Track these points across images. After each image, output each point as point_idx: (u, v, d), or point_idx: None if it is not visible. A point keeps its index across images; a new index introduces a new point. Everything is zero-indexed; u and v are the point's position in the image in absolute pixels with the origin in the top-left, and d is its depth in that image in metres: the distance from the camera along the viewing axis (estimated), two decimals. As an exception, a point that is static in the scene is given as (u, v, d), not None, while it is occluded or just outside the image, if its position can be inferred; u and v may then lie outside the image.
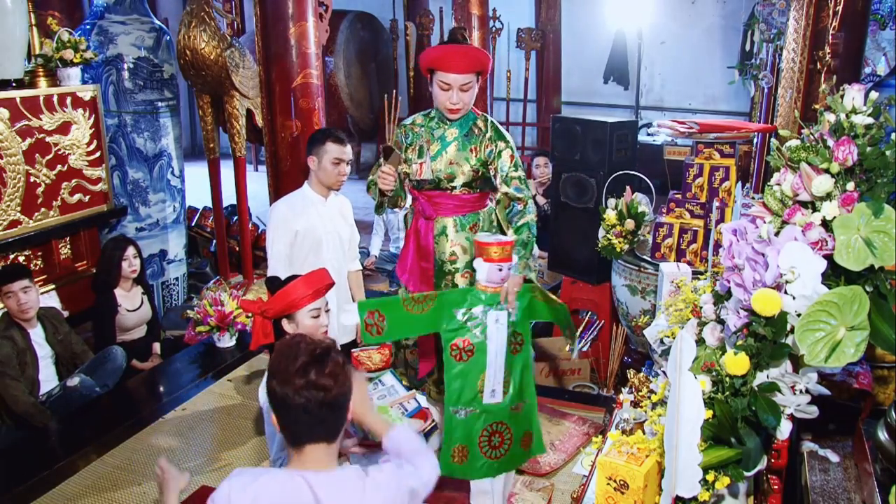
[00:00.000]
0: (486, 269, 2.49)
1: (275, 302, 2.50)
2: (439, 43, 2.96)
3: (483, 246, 2.49)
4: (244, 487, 1.58)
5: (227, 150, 5.40)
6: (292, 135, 4.19)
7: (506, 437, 2.62)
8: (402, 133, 2.96)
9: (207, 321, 4.21)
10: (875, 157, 1.57)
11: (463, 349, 2.53)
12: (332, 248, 3.27)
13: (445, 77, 2.76)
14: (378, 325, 2.51)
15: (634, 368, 2.47)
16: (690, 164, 3.59)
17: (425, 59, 2.83)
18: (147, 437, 3.44)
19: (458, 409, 2.56)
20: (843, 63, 4.21)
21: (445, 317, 2.53)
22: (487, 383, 2.55)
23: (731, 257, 1.71)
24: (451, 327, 2.53)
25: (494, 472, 2.65)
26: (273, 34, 4.11)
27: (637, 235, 3.72)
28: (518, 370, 2.61)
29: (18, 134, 3.91)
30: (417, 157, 2.89)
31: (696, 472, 1.50)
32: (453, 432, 2.56)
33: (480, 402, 2.56)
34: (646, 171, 3.94)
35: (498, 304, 2.52)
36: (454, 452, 2.57)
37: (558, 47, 9.45)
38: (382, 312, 2.51)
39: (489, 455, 2.61)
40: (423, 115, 2.99)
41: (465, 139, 2.89)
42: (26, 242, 4.03)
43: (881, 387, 2.11)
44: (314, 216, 3.23)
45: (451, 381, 2.55)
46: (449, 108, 2.82)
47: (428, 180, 2.88)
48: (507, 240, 2.53)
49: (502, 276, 2.50)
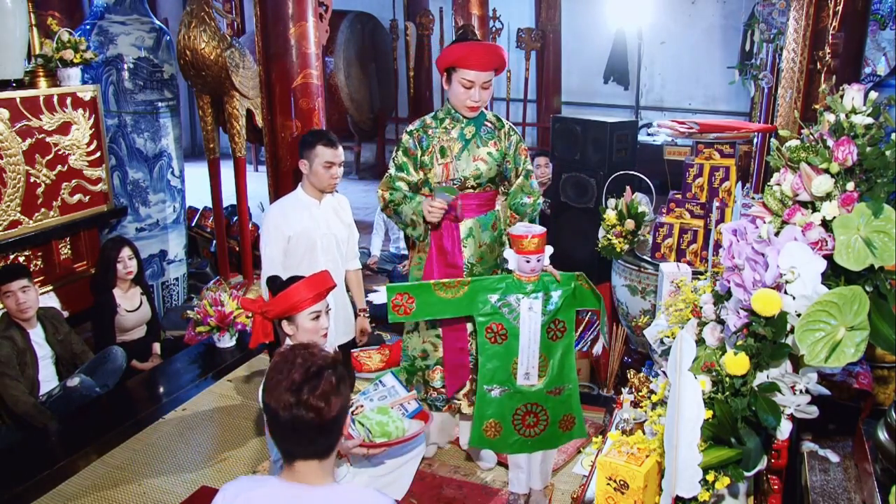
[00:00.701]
0: (518, 259, 2.58)
1: (276, 303, 2.50)
2: (455, 42, 2.90)
3: (516, 238, 2.56)
4: (237, 495, 1.59)
5: (227, 150, 5.40)
6: (292, 135, 4.19)
7: (541, 419, 2.71)
8: (415, 138, 2.88)
9: (207, 321, 4.21)
10: (875, 157, 1.57)
11: (497, 333, 2.65)
12: (327, 249, 3.24)
13: (468, 74, 2.74)
14: (406, 306, 2.63)
15: (634, 368, 2.48)
16: (690, 164, 3.59)
17: (448, 57, 2.78)
18: (147, 437, 3.44)
19: (491, 388, 2.68)
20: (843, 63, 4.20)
21: (480, 301, 2.63)
22: (521, 367, 2.66)
23: (731, 257, 1.71)
24: (485, 312, 2.64)
25: (529, 448, 2.76)
26: (273, 34, 4.11)
27: (637, 235, 3.72)
28: (558, 356, 2.69)
29: (18, 134, 3.91)
30: (441, 159, 2.85)
31: (696, 472, 1.50)
32: (485, 408, 2.68)
33: (514, 383, 2.68)
34: (646, 171, 3.94)
35: (531, 292, 2.61)
36: (487, 427, 2.70)
37: (558, 47, 9.45)
38: (412, 295, 2.63)
39: (523, 433, 2.72)
40: (432, 117, 2.94)
41: (482, 135, 2.90)
42: (26, 243, 4.03)
43: (881, 387, 2.10)
44: (307, 219, 3.18)
45: (486, 361, 2.67)
46: (469, 105, 2.82)
47: (455, 180, 2.87)
48: (539, 231, 2.58)
49: (532, 267, 2.57)
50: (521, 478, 2.85)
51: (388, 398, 2.72)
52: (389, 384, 2.78)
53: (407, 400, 2.74)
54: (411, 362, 3.00)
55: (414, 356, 3.00)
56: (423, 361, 2.98)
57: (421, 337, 2.98)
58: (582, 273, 2.72)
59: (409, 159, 2.89)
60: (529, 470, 2.83)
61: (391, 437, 2.51)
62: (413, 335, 3.00)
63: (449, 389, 2.95)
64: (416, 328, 2.99)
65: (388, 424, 2.53)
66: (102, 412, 3.57)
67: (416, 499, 2.89)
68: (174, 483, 3.08)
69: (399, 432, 2.54)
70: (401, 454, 2.66)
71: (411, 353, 3.01)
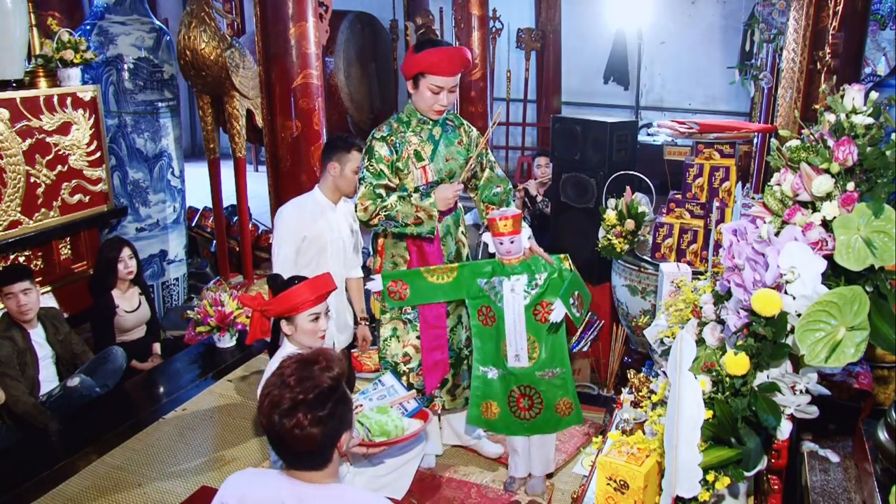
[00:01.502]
0: (494, 242, 2.69)
1: (277, 303, 2.50)
2: (420, 47, 2.80)
3: (491, 222, 2.68)
4: (237, 485, 1.60)
5: (227, 150, 5.40)
6: (292, 135, 4.19)
7: (536, 402, 2.78)
8: (388, 145, 2.82)
9: (207, 321, 4.22)
10: (875, 157, 1.56)
11: (487, 315, 2.77)
12: (335, 254, 3.21)
13: (437, 80, 2.75)
14: (401, 292, 2.77)
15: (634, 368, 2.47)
16: (690, 164, 3.59)
17: (419, 64, 2.75)
18: (147, 437, 3.44)
19: (486, 369, 2.80)
20: (843, 63, 4.20)
21: (469, 285, 2.77)
22: (510, 348, 2.75)
23: (731, 257, 1.71)
24: (474, 294, 2.77)
25: (526, 431, 2.82)
26: (273, 34, 4.11)
27: (637, 235, 3.72)
28: (548, 338, 2.74)
29: (18, 134, 3.91)
30: (418, 163, 2.85)
31: (696, 472, 1.50)
32: (481, 389, 2.80)
33: (506, 364, 2.77)
34: (646, 171, 3.94)
35: (513, 273, 2.70)
36: (483, 408, 2.81)
37: (558, 47, 9.45)
38: (406, 282, 2.77)
39: (518, 416, 2.80)
40: (397, 120, 2.90)
41: (448, 134, 2.93)
42: (26, 243, 4.03)
43: (881, 387, 2.10)
44: (323, 222, 3.15)
45: (480, 343, 2.79)
46: (437, 109, 2.83)
47: (433, 182, 2.87)
48: (512, 213, 2.69)
49: (508, 248, 2.67)
50: (519, 462, 2.91)
51: (388, 397, 2.72)
52: (388, 383, 2.78)
53: (406, 399, 2.74)
54: (393, 368, 2.98)
55: (395, 361, 2.99)
56: (407, 365, 2.99)
57: (401, 342, 2.98)
58: (567, 256, 2.81)
59: (384, 166, 2.82)
60: (529, 455, 2.89)
61: (391, 437, 2.51)
62: (392, 341, 2.99)
63: (428, 387, 2.97)
64: (394, 334, 2.98)
65: (388, 424, 2.53)
66: (102, 412, 3.57)
67: (416, 499, 2.90)
68: (174, 483, 3.08)
69: (399, 431, 2.54)
70: (400, 454, 2.66)
71: (392, 360, 2.99)
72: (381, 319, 2.98)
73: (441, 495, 2.96)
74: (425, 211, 2.78)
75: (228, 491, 1.60)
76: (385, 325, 2.98)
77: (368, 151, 2.85)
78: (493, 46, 8.71)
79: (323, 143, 4.27)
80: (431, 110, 2.83)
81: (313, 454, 1.52)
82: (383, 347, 3.00)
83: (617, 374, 3.86)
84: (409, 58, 2.80)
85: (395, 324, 2.97)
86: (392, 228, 2.86)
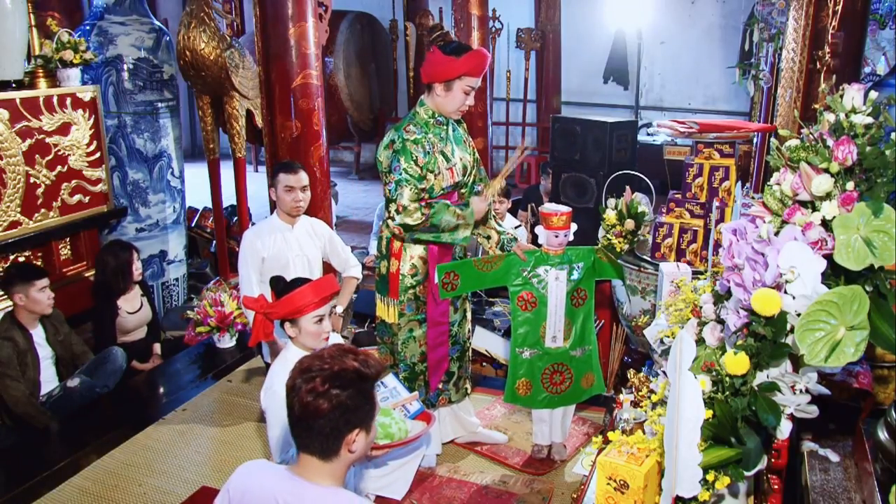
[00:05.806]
0: (548, 234, 2.94)
1: (280, 306, 2.49)
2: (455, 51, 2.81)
3: (546, 216, 2.92)
4: (249, 473, 1.65)
5: (227, 150, 5.40)
6: (292, 135, 4.19)
7: (566, 377, 3.07)
8: (420, 148, 2.80)
9: (207, 322, 4.22)
10: (875, 156, 1.56)
11: (528, 301, 3.00)
12: (300, 270, 3.32)
13: (473, 82, 2.83)
14: (453, 283, 2.92)
15: (634, 368, 2.48)
16: (690, 164, 3.59)
17: (459, 68, 2.75)
18: (147, 438, 3.44)
19: (522, 350, 3.03)
20: (843, 63, 4.20)
21: (513, 274, 2.99)
22: (549, 331, 3.01)
23: (731, 257, 1.71)
24: (517, 282, 2.99)
25: (555, 404, 3.11)
26: (273, 35, 4.11)
27: (637, 235, 3.72)
28: (580, 320, 3.05)
29: (18, 135, 3.91)
30: (447, 164, 2.89)
31: (696, 472, 1.50)
32: (518, 369, 3.03)
33: (543, 345, 3.02)
34: (645, 171, 3.94)
35: (558, 264, 2.96)
36: (519, 385, 3.04)
37: (558, 47, 9.46)
38: (458, 273, 2.92)
39: (550, 390, 3.06)
40: (417, 122, 2.88)
41: (456, 133, 3.00)
42: (26, 243, 4.03)
43: (881, 387, 2.10)
44: (280, 242, 3.34)
45: (518, 326, 3.02)
46: (463, 110, 2.91)
47: (458, 182, 2.96)
48: (566, 210, 2.92)
49: (560, 241, 2.94)
50: (545, 430, 3.19)
51: (390, 399, 2.71)
52: (391, 385, 2.77)
53: (409, 401, 2.73)
54: (411, 369, 3.04)
55: (413, 362, 3.04)
56: (423, 364, 3.05)
57: (418, 342, 3.03)
58: (601, 248, 3.15)
59: (420, 169, 2.80)
60: (551, 423, 3.17)
61: (394, 439, 2.50)
62: (410, 342, 3.02)
63: (432, 384, 3.08)
64: (411, 335, 3.01)
65: (391, 426, 2.52)
66: (102, 412, 3.58)
67: (416, 499, 2.90)
68: (174, 483, 3.08)
69: (402, 433, 2.53)
70: (402, 455, 2.66)
71: (410, 360, 3.04)
72: (399, 323, 2.99)
73: (441, 495, 2.96)
74: (465, 220, 2.87)
75: (238, 478, 1.65)
76: (402, 328, 3.00)
77: (405, 154, 2.78)
78: (493, 46, 8.71)
79: (323, 143, 4.29)
80: (458, 111, 2.90)
81: (322, 435, 1.53)
82: (401, 350, 3.03)
83: (617, 374, 3.86)
84: (448, 61, 2.76)
85: (411, 325, 3.00)
86: (424, 235, 2.84)
